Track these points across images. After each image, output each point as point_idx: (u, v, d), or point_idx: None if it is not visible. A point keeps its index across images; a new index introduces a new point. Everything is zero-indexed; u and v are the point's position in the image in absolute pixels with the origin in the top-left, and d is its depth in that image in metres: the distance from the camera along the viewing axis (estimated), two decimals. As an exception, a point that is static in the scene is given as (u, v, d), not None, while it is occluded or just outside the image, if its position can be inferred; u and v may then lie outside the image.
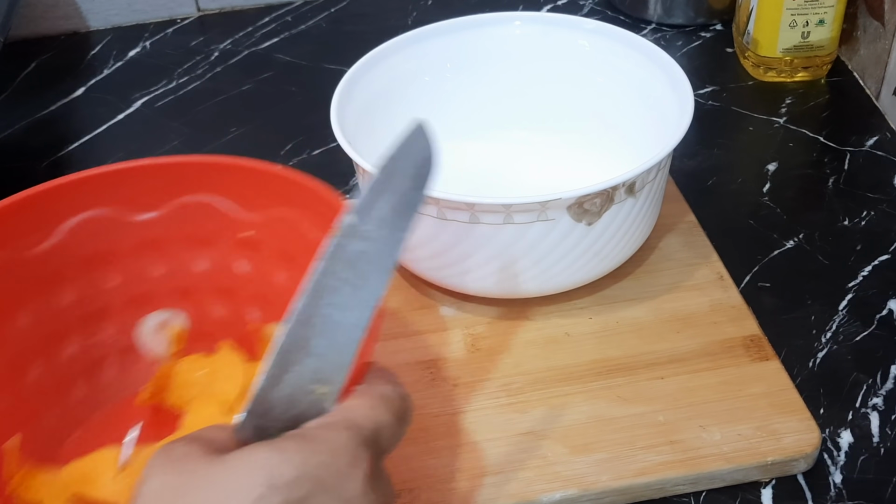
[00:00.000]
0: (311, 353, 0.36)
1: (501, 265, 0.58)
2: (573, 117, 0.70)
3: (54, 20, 0.92)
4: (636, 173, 0.55)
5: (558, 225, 0.55)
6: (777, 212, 0.70)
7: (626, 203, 0.56)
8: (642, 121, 0.65)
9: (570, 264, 0.58)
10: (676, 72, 0.62)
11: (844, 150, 0.75)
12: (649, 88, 0.64)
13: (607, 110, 0.68)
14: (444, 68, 0.68)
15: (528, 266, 0.58)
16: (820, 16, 0.78)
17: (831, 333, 0.61)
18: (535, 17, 0.69)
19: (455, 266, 0.59)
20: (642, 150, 0.59)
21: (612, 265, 0.61)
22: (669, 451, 0.53)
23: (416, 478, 0.53)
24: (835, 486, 0.53)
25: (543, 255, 0.57)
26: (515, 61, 0.69)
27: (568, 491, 0.52)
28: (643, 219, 0.60)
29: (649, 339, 0.59)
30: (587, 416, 0.55)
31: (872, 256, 0.66)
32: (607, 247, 0.58)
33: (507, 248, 0.57)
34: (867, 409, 0.57)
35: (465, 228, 0.56)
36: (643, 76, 0.65)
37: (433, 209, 0.55)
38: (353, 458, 0.35)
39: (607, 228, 0.57)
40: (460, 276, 0.60)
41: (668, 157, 0.59)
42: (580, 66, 0.68)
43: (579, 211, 0.55)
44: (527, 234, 0.56)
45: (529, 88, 0.70)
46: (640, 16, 0.89)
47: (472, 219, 0.55)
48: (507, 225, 0.55)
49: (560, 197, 0.54)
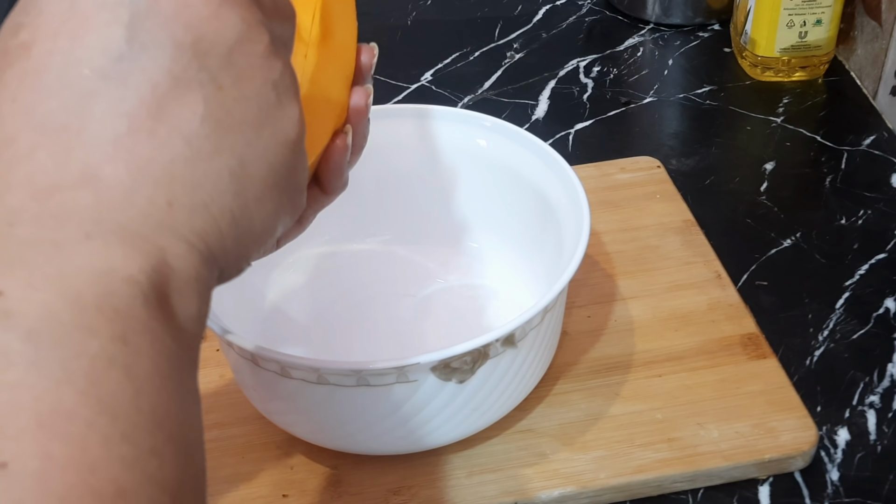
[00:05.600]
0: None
1: (361, 426, 0.51)
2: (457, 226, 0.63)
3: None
4: (513, 326, 0.47)
5: (422, 386, 0.48)
6: (774, 211, 0.70)
7: (504, 356, 0.49)
8: (540, 232, 0.58)
9: (444, 423, 0.51)
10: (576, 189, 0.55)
11: (842, 149, 0.75)
12: (547, 195, 0.58)
13: (502, 218, 0.62)
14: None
15: (393, 426, 0.50)
16: (817, 16, 0.78)
17: (828, 332, 0.61)
18: (429, 112, 0.61)
19: (310, 424, 0.52)
20: (539, 259, 0.55)
21: (499, 415, 0.53)
22: (667, 449, 0.53)
23: (414, 475, 0.53)
24: (832, 483, 0.53)
25: (409, 416, 0.49)
26: (401, 158, 0.61)
27: (566, 489, 0.52)
28: (531, 365, 0.52)
29: (647, 338, 0.60)
30: (585, 413, 0.55)
31: (869, 255, 0.66)
32: (487, 401, 0.51)
33: (365, 410, 0.49)
34: (864, 407, 0.57)
35: (310, 389, 0.48)
36: (541, 182, 0.58)
37: (275, 365, 0.48)
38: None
39: (484, 384, 0.49)
40: (315, 434, 0.53)
41: (562, 294, 0.51)
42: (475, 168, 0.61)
43: (446, 371, 0.47)
44: (387, 396, 0.48)
45: (415, 191, 0.63)
46: (638, 15, 0.90)
47: (319, 380, 0.48)
48: (360, 387, 0.48)
49: (418, 361, 0.46)
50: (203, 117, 0.29)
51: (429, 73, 0.85)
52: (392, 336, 0.60)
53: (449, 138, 0.61)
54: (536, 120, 0.80)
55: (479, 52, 0.87)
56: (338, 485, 0.53)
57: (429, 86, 0.83)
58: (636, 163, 0.72)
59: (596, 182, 0.69)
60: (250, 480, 0.53)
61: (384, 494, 0.52)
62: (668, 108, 0.80)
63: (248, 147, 0.30)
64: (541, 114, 0.80)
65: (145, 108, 0.28)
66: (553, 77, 0.84)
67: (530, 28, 0.90)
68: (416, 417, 0.50)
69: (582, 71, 0.84)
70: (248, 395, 0.53)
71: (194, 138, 0.29)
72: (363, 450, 0.53)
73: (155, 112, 0.28)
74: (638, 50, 0.86)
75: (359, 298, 0.62)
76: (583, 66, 0.85)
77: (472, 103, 0.81)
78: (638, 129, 0.79)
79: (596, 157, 0.73)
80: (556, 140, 0.77)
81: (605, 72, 0.84)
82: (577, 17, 0.91)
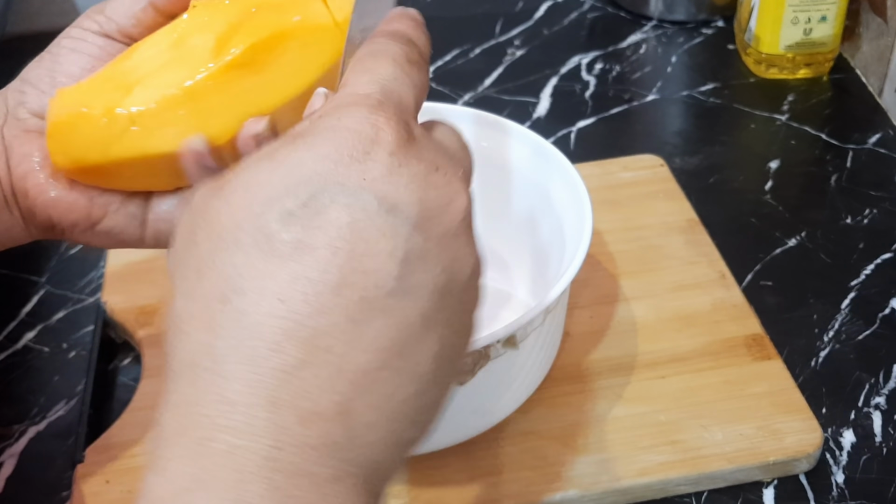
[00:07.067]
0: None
1: None
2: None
3: (50, 16, 0.92)
4: (514, 327, 0.47)
5: None
6: (779, 210, 0.70)
7: (505, 357, 0.49)
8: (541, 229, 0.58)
9: (444, 425, 0.48)
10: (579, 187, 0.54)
11: (847, 147, 0.75)
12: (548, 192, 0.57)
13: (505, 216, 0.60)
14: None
15: None
16: (822, 12, 0.78)
17: (833, 332, 0.61)
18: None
19: None
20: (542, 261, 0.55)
21: (500, 417, 0.53)
22: (671, 451, 0.53)
23: (414, 478, 0.52)
24: (837, 486, 0.53)
25: None
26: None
27: (568, 492, 0.51)
28: (533, 366, 0.52)
29: (650, 339, 0.59)
30: (588, 415, 0.55)
31: (875, 255, 0.66)
32: (488, 403, 0.51)
33: None
34: (869, 409, 0.56)
35: None
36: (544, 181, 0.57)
37: None
38: (363, 138, 0.30)
39: (485, 385, 0.49)
40: None
41: (564, 294, 0.50)
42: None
43: None
44: None
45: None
46: (641, 12, 0.89)
47: None
48: None
49: None
50: (435, 356, 0.30)
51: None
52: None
53: None
54: (538, 118, 0.79)
55: (480, 49, 0.86)
56: (337, 488, 0.52)
57: (429, 84, 0.83)
58: (639, 161, 0.71)
59: (598, 181, 0.69)
60: (248, 483, 0.53)
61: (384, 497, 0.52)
62: (671, 105, 0.80)
63: (454, 376, 0.32)
64: (542, 112, 0.80)
65: (397, 346, 0.29)
66: (555, 74, 0.83)
67: (532, 25, 0.89)
68: None
69: (584, 68, 0.84)
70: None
71: (424, 376, 0.29)
72: None
73: (401, 350, 0.29)
74: (641, 47, 0.86)
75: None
76: (585, 64, 0.84)
77: (472, 101, 0.81)
78: (641, 127, 0.78)
79: (598, 155, 0.73)
80: (557, 138, 0.77)
81: (607, 69, 0.84)
82: (578, 13, 0.90)
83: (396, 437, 0.29)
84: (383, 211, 0.29)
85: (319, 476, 0.27)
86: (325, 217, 0.28)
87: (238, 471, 0.26)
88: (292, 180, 0.29)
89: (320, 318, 0.28)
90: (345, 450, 0.28)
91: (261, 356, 0.27)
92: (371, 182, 0.29)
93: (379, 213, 0.29)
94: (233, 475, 0.26)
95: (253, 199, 0.29)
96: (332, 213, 0.28)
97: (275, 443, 0.27)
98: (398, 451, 0.30)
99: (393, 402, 0.29)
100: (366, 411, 0.28)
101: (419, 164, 0.30)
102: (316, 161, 0.29)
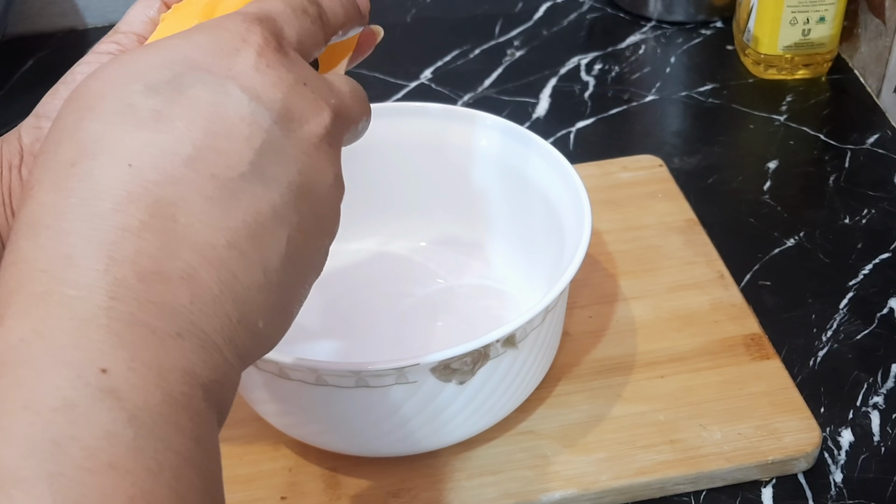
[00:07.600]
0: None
1: (360, 427, 0.50)
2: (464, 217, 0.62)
3: (51, 17, 0.92)
4: (513, 327, 0.47)
5: (422, 387, 0.48)
6: (778, 210, 0.70)
7: (505, 356, 0.49)
8: (542, 226, 0.58)
9: (444, 425, 0.50)
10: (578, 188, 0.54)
11: (845, 147, 0.75)
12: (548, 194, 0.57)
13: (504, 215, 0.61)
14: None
15: (393, 428, 0.50)
16: (821, 13, 0.78)
17: (832, 332, 0.61)
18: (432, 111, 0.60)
19: (308, 426, 0.52)
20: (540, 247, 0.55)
21: (499, 416, 0.53)
22: (669, 451, 0.53)
23: (414, 477, 0.52)
24: (835, 485, 0.53)
25: (408, 417, 0.49)
26: (407, 155, 0.61)
27: (567, 491, 0.52)
28: (532, 366, 0.52)
29: (649, 338, 0.59)
30: (587, 415, 0.55)
31: (873, 255, 0.66)
32: (488, 403, 0.50)
33: (364, 412, 0.49)
34: (868, 408, 0.57)
35: (308, 389, 0.48)
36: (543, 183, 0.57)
37: (273, 366, 0.47)
38: (234, 36, 0.31)
39: (484, 385, 0.49)
40: (314, 436, 0.53)
41: (564, 294, 0.51)
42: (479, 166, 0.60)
43: (446, 372, 0.47)
44: (386, 398, 0.48)
45: (419, 186, 0.62)
46: (640, 13, 0.89)
47: (318, 381, 0.47)
48: (359, 388, 0.47)
49: (418, 362, 0.46)
50: (283, 256, 0.31)
51: (428, 70, 0.84)
52: (391, 337, 0.59)
53: (449, 137, 0.60)
54: (537, 118, 0.79)
55: (480, 50, 0.86)
56: (336, 487, 0.52)
57: (428, 84, 0.83)
58: (638, 161, 0.71)
59: (597, 181, 0.69)
60: (248, 483, 0.53)
61: (383, 497, 0.52)
62: (670, 106, 0.80)
63: (306, 286, 0.33)
64: (542, 112, 0.80)
65: (244, 230, 0.30)
66: (554, 75, 0.83)
67: (531, 25, 0.89)
68: (415, 419, 0.49)
69: (583, 69, 0.84)
70: (246, 396, 0.53)
71: (271, 272, 0.30)
72: (362, 451, 0.52)
73: (249, 237, 0.30)
74: (640, 47, 0.86)
75: (358, 298, 0.62)
76: (584, 64, 0.84)
77: (472, 101, 0.81)
78: (640, 128, 0.78)
79: (597, 155, 0.73)
80: (557, 138, 0.77)
81: (606, 69, 0.84)
82: (578, 14, 0.90)
83: (245, 324, 0.30)
84: (245, 99, 0.30)
85: (162, 330, 0.27)
86: (187, 94, 0.30)
87: (75, 319, 0.26)
88: (162, 59, 0.30)
89: (168, 186, 0.29)
90: (191, 314, 0.28)
91: (102, 214, 0.28)
92: (237, 74, 0.31)
93: (241, 100, 0.30)
94: (69, 324, 0.26)
95: (122, 73, 0.30)
96: (194, 91, 0.30)
97: (112, 294, 0.27)
98: (243, 341, 0.30)
99: (239, 285, 0.29)
100: (212, 284, 0.29)
101: (288, 73, 0.32)
102: (189, 48, 0.31)
